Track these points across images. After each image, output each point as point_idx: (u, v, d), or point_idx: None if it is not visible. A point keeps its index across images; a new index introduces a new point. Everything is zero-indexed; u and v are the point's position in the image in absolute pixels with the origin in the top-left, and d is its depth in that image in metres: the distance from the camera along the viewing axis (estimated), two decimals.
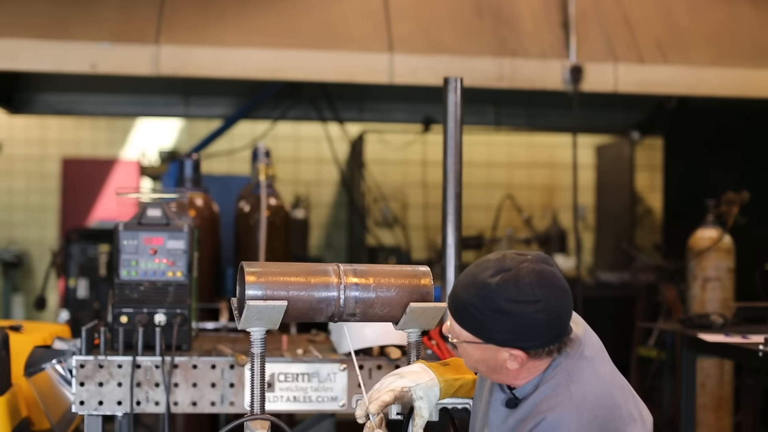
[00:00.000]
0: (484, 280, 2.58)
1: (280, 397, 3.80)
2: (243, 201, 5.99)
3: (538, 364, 2.64)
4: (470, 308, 2.59)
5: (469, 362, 2.70)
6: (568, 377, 2.61)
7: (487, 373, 2.69)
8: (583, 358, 2.67)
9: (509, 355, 2.60)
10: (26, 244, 11.70)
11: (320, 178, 11.49)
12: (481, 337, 2.60)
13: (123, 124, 11.79)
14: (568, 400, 2.56)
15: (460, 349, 2.69)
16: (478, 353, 2.64)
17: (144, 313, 3.94)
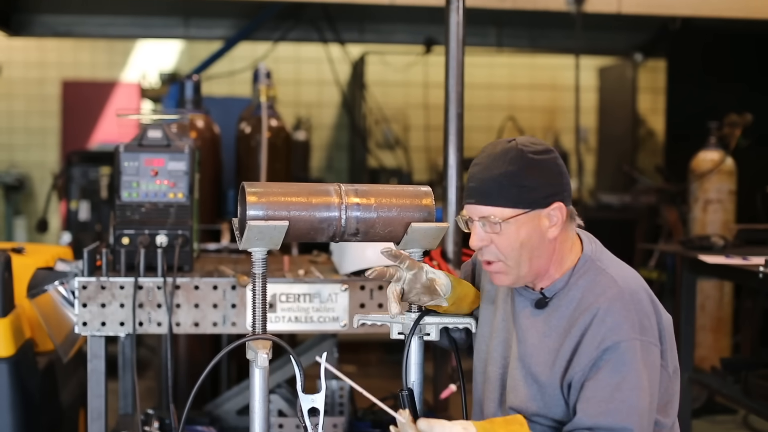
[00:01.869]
0: (504, 148, 2.66)
1: (281, 318, 3.82)
2: (244, 122, 5.97)
3: (566, 239, 2.71)
4: (506, 178, 2.63)
5: (513, 252, 2.66)
6: (600, 267, 2.69)
7: (528, 261, 2.67)
8: (603, 250, 2.77)
9: (549, 218, 2.65)
10: (27, 167, 11.69)
11: (321, 99, 11.44)
12: (523, 205, 2.63)
13: (123, 46, 11.71)
14: (613, 285, 2.64)
15: (499, 243, 2.66)
16: (522, 231, 2.64)
17: (145, 235, 3.95)
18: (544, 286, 2.74)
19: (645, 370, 2.56)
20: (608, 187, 10.45)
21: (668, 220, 7.78)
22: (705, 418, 6.54)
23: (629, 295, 2.63)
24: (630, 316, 2.59)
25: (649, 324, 2.62)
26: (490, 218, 2.65)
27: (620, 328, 2.57)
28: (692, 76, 8.88)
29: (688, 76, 8.94)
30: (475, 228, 2.69)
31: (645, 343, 2.58)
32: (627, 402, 2.53)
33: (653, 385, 2.60)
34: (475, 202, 2.67)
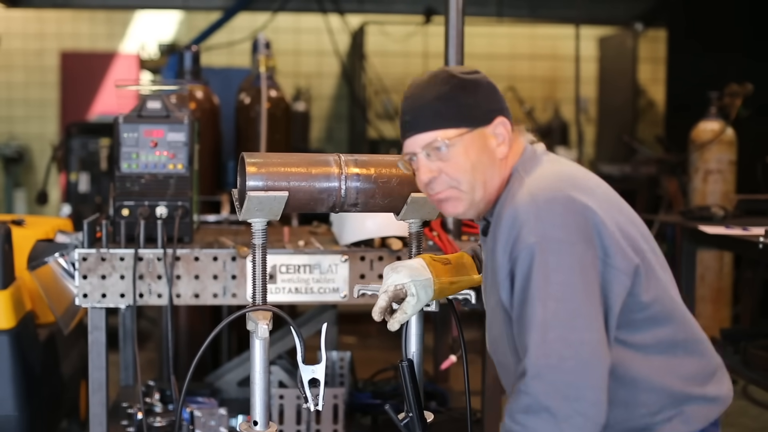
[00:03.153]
0: (432, 74, 2.55)
1: (281, 289, 3.82)
2: (243, 93, 5.96)
3: (511, 156, 2.53)
4: (442, 99, 2.49)
5: (466, 177, 2.50)
6: (521, 176, 2.50)
7: (482, 185, 2.50)
8: (540, 160, 2.56)
9: (495, 136, 2.49)
10: (27, 139, 11.68)
11: (321, 70, 11.41)
12: (465, 122, 2.48)
13: (121, 16, 11.67)
14: (520, 193, 2.44)
15: (449, 169, 2.49)
16: (471, 152, 2.48)
17: (145, 206, 3.94)
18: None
19: (562, 274, 2.31)
20: (608, 157, 10.45)
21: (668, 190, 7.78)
22: None
23: (536, 198, 2.38)
24: (533, 220, 2.35)
25: (569, 221, 2.35)
26: (434, 144, 2.48)
27: (521, 236, 2.36)
28: (693, 45, 8.86)
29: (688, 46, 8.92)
30: (420, 161, 2.52)
31: (557, 243, 2.33)
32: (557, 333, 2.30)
33: (582, 288, 2.32)
34: (414, 133, 2.52)
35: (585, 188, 2.45)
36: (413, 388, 2.72)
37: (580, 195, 2.40)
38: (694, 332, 2.55)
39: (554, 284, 2.31)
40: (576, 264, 2.33)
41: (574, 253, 2.33)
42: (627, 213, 2.51)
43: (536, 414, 2.29)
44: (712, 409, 2.51)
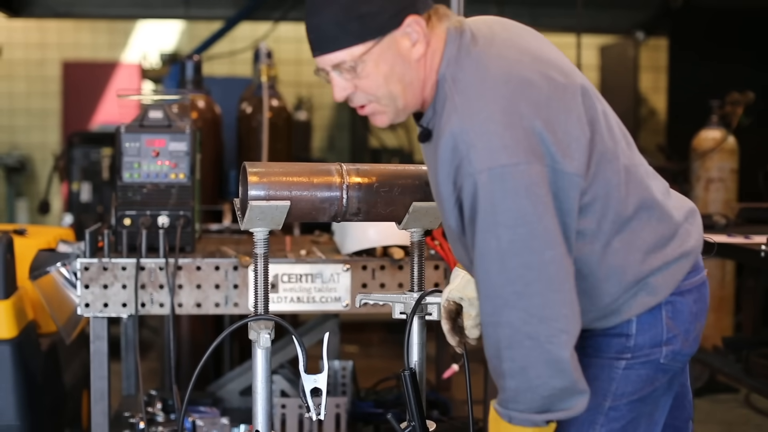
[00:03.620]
0: None
1: (283, 298, 3.82)
2: (245, 102, 5.96)
3: (433, 49, 2.38)
4: (340, 14, 2.33)
5: (382, 90, 2.39)
6: (451, 84, 2.36)
7: (401, 92, 2.39)
8: (467, 52, 2.39)
9: (408, 37, 2.35)
10: (29, 148, 11.68)
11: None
12: (371, 35, 2.33)
13: (123, 26, 11.69)
14: (455, 110, 2.30)
15: (363, 85, 2.40)
16: (382, 64, 2.36)
17: (147, 216, 3.95)
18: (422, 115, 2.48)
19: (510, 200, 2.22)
20: None
21: None
22: (706, 397, 6.55)
23: (472, 116, 2.27)
24: (474, 144, 2.24)
25: (510, 137, 2.23)
26: (342, 65, 2.38)
27: (463, 163, 2.26)
28: (694, 54, 8.87)
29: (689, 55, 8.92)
30: (333, 79, 2.43)
31: (502, 168, 2.22)
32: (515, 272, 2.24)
33: (534, 208, 2.23)
34: (321, 52, 2.41)
35: (521, 81, 2.31)
36: (415, 397, 2.72)
37: (518, 100, 2.27)
38: (650, 199, 2.47)
39: (502, 212, 2.22)
40: (521, 186, 2.22)
41: (518, 173, 2.22)
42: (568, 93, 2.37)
43: (520, 343, 2.25)
44: (679, 267, 2.48)
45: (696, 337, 2.54)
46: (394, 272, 3.88)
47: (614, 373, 2.48)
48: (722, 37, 8.74)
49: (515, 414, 2.32)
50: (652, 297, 2.45)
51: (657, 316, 2.46)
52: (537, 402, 2.29)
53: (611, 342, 2.48)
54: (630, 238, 2.42)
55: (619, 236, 2.41)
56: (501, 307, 2.26)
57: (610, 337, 2.49)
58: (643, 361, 2.48)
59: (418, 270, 2.89)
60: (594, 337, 2.50)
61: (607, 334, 2.49)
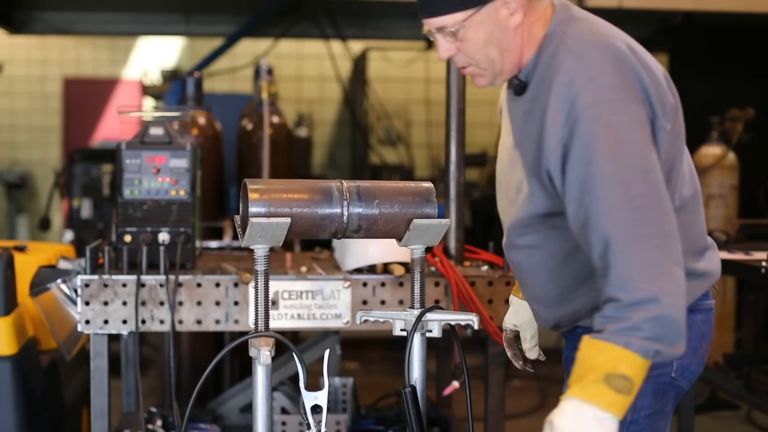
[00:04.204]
0: None
1: (284, 315, 3.82)
2: (246, 119, 5.97)
3: (535, 18, 2.60)
4: None
5: (480, 54, 2.61)
6: (561, 39, 2.57)
7: (498, 57, 2.60)
8: (574, 18, 2.62)
9: (506, 6, 2.56)
10: (29, 165, 11.69)
11: (323, 96, 11.44)
12: (472, 3, 2.55)
13: (124, 43, 11.71)
14: (568, 55, 2.52)
15: (464, 48, 2.61)
16: (482, 31, 2.58)
17: (148, 232, 3.95)
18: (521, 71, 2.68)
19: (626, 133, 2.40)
20: None
21: None
22: (708, 413, 6.54)
23: (586, 60, 2.48)
24: (587, 83, 2.44)
25: (622, 81, 2.45)
26: (445, 28, 2.60)
27: (578, 98, 2.43)
28: (694, 70, 8.88)
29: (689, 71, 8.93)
30: (438, 40, 2.65)
31: (615, 104, 2.42)
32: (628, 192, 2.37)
33: (644, 144, 2.42)
34: (427, 15, 2.63)
35: (628, 44, 2.56)
36: (416, 414, 2.72)
37: (627, 55, 2.50)
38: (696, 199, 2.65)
39: (623, 143, 2.39)
40: (635, 121, 2.42)
41: (632, 111, 2.42)
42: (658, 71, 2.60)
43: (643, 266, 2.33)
44: (700, 285, 2.64)
45: (702, 356, 2.68)
46: (394, 289, 3.88)
47: None
48: (722, 53, 8.75)
49: (635, 339, 2.31)
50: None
51: None
52: (656, 331, 2.32)
53: None
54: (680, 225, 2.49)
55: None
56: (627, 236, 2.36)
57: None
58: (657, 374, 2.55)
59: (418, 287, 2.89)
60: None
61: None
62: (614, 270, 2.35)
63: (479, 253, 4.13)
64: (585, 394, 2.31)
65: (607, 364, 2.31)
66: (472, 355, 3.07)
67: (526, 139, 2.62)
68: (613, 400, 2.30)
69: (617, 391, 2.30)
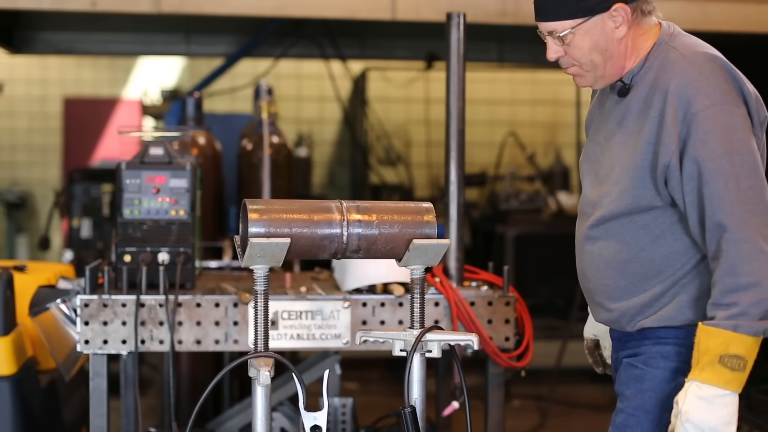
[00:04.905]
0: None
1: (283, 335, 3.82)
2: (246, 139, 5.97)
3: (641, 33, 2.88)
4: None
5: (584, 58, 2.87)
6: (671, 47, 2.85)
7: (602, 63, 2.86)
8: (680, 34, 2.92)
9: (613, 20, 2.82)
10: (29, 184, 11.70)
11: (323, 116, 11.45)
12: (582, 13, 2.81)
13: (124, 63, 11.73)
14: (681, 60, 2.80)
15: (571, 52, 2.87)
16: (588, 38, 2.84)
17: (147, 252, 3.94)
18: (624, 75, 2.93)
19: (737, 132, 2.70)
20: None
21: None
22: None
23: (699, 66, 2.77)
24: (704, 86, 2.73)
25: (731, 89, 2.75)
26: (555, 33, 2.87)
27: (696, 99, 2.71)
28: None
29: None
30: (548, 42, 2.91)
31: (727, 107, 2.71)
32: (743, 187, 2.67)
33: (752, 145, 2.73)
34: (540, 19, 2.90)
35: (728, 62, 2.82)
36: None
37: (731, 68, 2.79)
38: None
39: (735, 141, 2.69)
40: (744, 125, 2.72)
41: (740, 115, 2.73)
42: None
43: (755, 258, 2.62)
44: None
45: None
46: (394, 309, 3.88)
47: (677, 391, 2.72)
48: None
49: (742, 322, 2.62)
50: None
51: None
52: (762, 311, 2.62)
53: (680, 351, 2.83)
54: None
55: None
56: (738, 225, 2.65)
57: (678, 345, 2.83)
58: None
59: (418, 307, 2.89)
60: (664, 344, 2.86)
61: (678, 342, 2.84)
62: (725, 256, 2.64)
63: (479, 273, 4.13)
64: (703, 376, 2.62)
65: (719, 347, 2.61)
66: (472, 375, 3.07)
67: (636, 135, 2.84)
68: (730, 378, 2.62)
69: (732, 369, 2.62)
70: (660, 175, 2.77)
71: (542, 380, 7.49)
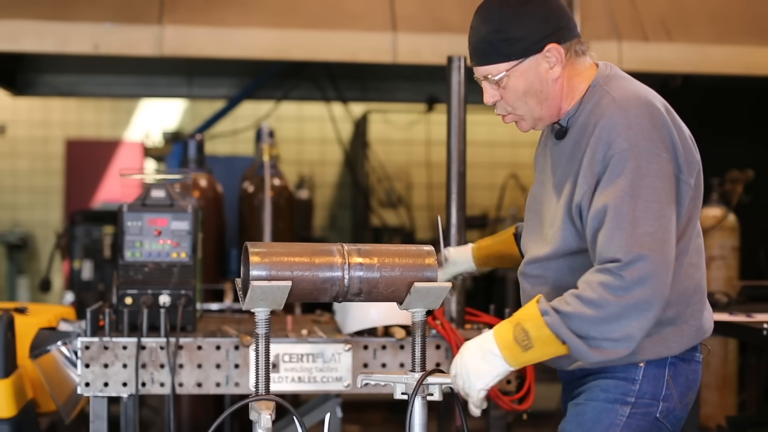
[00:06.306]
0: (486, 6, 2.85)
1: (285, 378, 3.81)
2: (247, 181, 5.99)
3: (576, 74, 2.86)
4: (491, 35, 2.81)
5: (519, 102, 2.87)
6: (605, 90, 2.82)
7: (537, 105, 2.86)
8: (617, 76, 2.89)
9: (547, 60, 2.81)
10: (31, 226, 11.71)
11: (324, 158, 11.48)
12: (515, 56, 2.80)
13: (126, 105, 11.78)
14: (612, 104, 2.76)
15: (506, 95, 2.86)
16: (522, 81, 2.82)
17: (148, 295, 3.94)
18: (561, 118, 2.92)
19: (648, 179, 2.66)
20: None
21: None
22: None
23: (626, 110, 2.72)
24: (626, 130, 2.69)
25: (655, 135, 2.71)
26: (489, 77, 2.85)
27: (615, 142, 2.68)
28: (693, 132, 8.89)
29: None
30: (484, 86, 2.89)
31: (645, 152, 2.68)
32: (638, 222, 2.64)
33: (664, 194, 2.68)
34: (475, 63, 2.87)
35: (663, 104, 2.81)
36: None
37: (661, 113, 2.75)
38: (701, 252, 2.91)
39: (644, 187, 2.65)
40: (661, 172, 2.68)
41: (661, 162, 2.68)
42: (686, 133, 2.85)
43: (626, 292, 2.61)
44: (697, 335, 2.90)
45: (687, 404, 2.86)
46: (395, 352, 3.87)
47: (618, 420, 2.77)
48: (721, 115, 8.79)
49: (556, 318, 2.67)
50: (664, 348, 2.80)
51: (661, 370, 2.80)
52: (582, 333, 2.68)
53: (618, 384, 2.80)
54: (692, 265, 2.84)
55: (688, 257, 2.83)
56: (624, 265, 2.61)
57: (617, 379, 2.80)
58: (643, 412, 2.79)
59: (420, 350, 2.88)
60: (600, 379, 2.83)
61: (615, 376, 2.80)
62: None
63: (480, 316, 4.12)
64: (496, 329, 2.77)
65: (523, 316, 2.72)
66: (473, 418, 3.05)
67: (566, 178, 2.85)
68: (509, 343, 2.71)
69: (515, 339, 2.70)
70: (575, 215, 2.79)
71: (544, 423, 7.45)
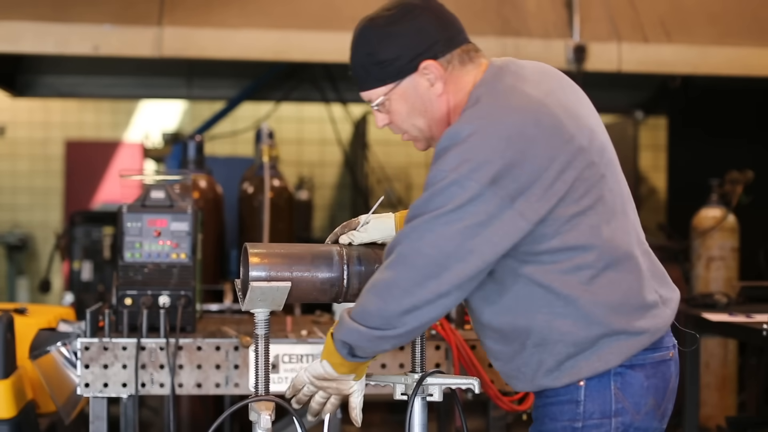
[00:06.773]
0: (357, 29, 2.73)
1: (284, 379, 3.81)
2: (246, 182, 5.99)
3: (461, 87, 2.67)
4: (364, 60, 2.70)
5: (407, 124, 2.73)
6: (469, 105, 2.60)
7: (425, 125, 2.71)
8: (506, 74, 2.64)
9: (426, 78, 2.65)
10: (30, 227, 11.71)
11: (324, 159, 11.48)
12: (390, 78, 2.67)
13: (126, 106, 11.78)
14: (467, 111, 2.57)
15: (393, 118, 2.73)
16: (403, 102, 2.69)
17: (148, 295, 3.94)
18: None
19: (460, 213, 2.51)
20: None
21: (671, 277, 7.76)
22: None
23: (465, 134, 2.49)
24: (453, 153, 2.51)
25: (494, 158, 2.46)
26: (372, 102, 2.74)
27: (441, 164, 2.54)
28: (693, 133, 8.92)
29: (689, 134, 8.97)
30: (374, 111, 2.78)
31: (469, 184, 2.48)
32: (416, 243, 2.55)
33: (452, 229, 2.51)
34: (358, 89, 2.77)
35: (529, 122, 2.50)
36: None
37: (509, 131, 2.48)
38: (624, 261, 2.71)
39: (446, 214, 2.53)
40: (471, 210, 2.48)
41: (473, 186, 2.47)
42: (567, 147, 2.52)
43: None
44: (637, 342, 2.62)
45: (649, 411, 2.64)
46: (395, 353, 3.87)
47: None
48: (721, 116, 8.80)
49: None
50: (601, 363, 2.57)
51: (606, 385, 2.58)
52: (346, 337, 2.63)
53: (563, 408, 2.60)
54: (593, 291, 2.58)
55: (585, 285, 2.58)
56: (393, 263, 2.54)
57: (561, 404, 2.60)
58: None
59: (419, 350, 2.89)
60: (547, 406, 2.63)
61: (559, 401, 2.61)
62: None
63: None
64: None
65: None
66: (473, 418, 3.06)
67: None
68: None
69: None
70: None
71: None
